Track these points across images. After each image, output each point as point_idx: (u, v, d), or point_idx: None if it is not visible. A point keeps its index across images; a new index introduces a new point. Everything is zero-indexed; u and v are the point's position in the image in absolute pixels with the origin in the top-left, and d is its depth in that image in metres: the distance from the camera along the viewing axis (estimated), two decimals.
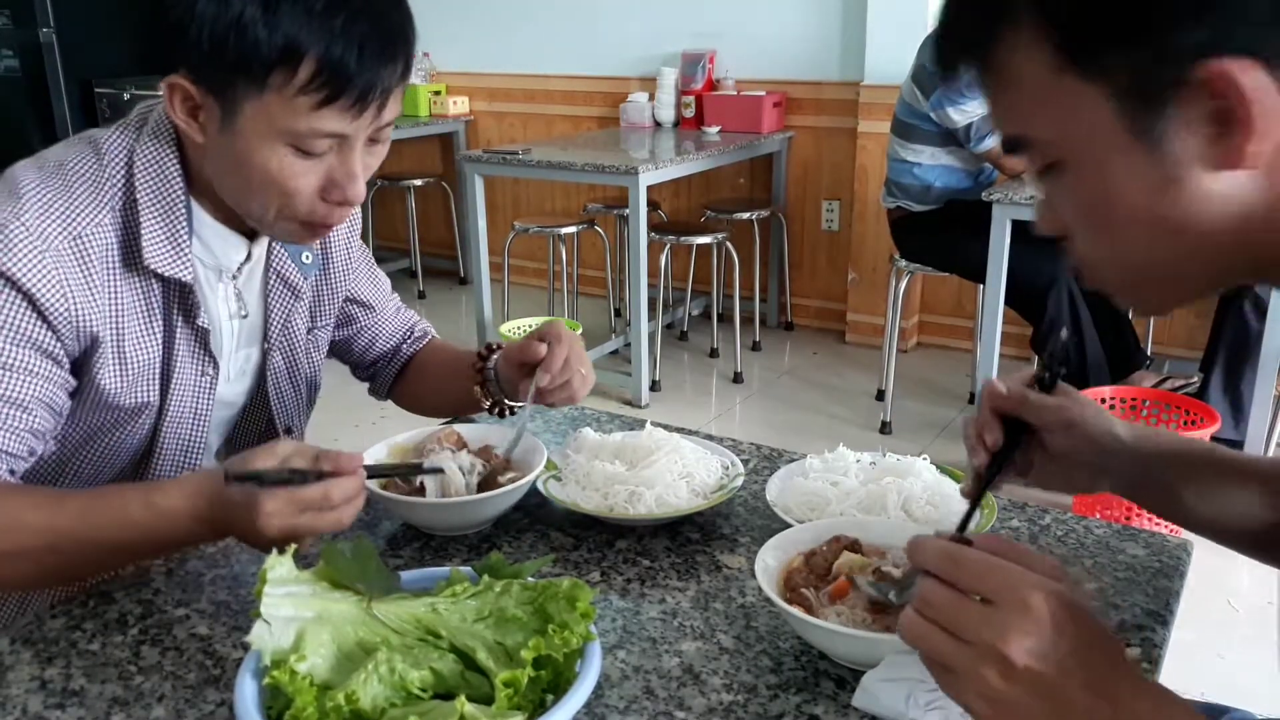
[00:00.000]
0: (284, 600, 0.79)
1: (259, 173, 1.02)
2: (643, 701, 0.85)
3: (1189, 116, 0.60)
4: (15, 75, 6.15)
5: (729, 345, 4.38)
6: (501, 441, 1.23)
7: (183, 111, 1.03)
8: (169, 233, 1.08)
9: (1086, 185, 0.66)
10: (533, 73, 5.36)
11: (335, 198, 1.05)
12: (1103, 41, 0.60)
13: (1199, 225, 0.63)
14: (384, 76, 1.00)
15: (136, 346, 1.10)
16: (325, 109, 0.98)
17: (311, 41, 0.96)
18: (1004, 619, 0.62)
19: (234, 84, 0.98)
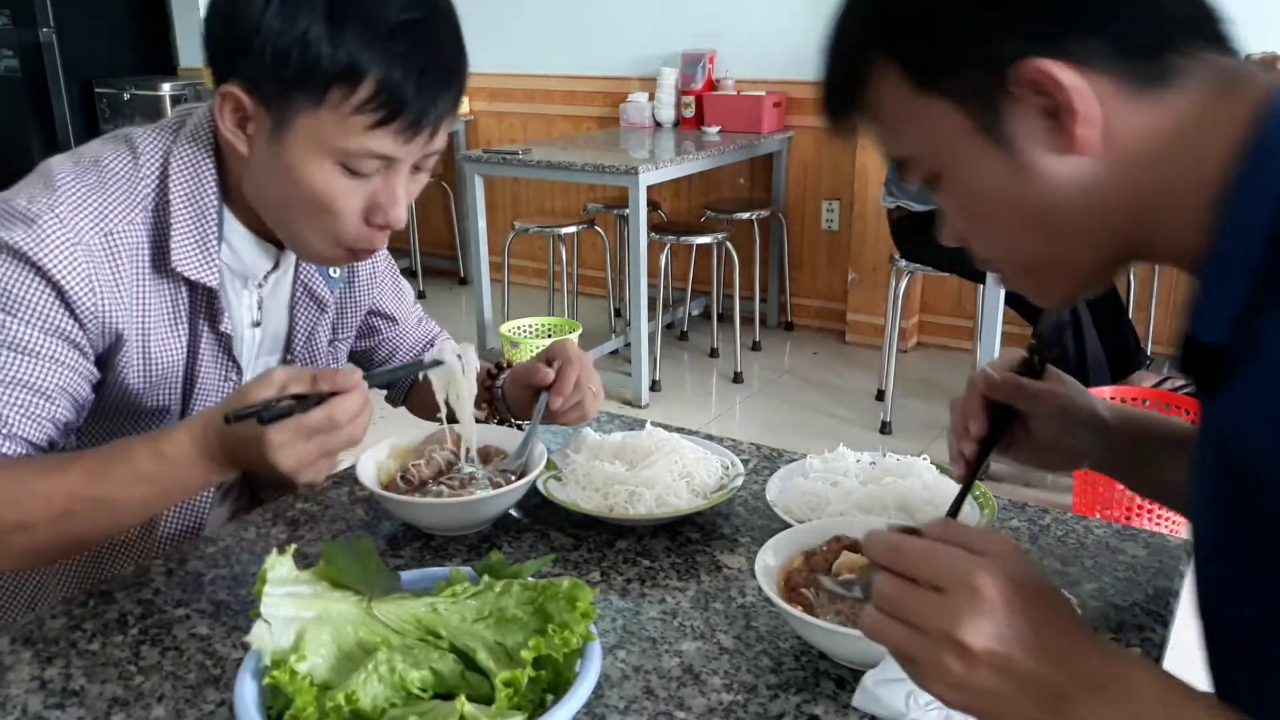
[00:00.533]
0: (284, 600, 0.79)
1: (305, 188, 1.02)
2: (643, 701, 0.85)
3: (1024, 112, 0.67)
4: (15, 75, 6.15)
5: (729, 345, 4.38)
6: (501, 442, 1.23)
7: (231, 121, 1.02)
8: (198, 237, 1.08)
9: (959, 188, 0.74)
10: (533, 73, 5.37)
11: (377, 220, 1.05)
12: (938, 64, 0.70)
13: (1060, 209, 0.70)
14: (439, 104, 1.01)
15: (161, 348, 1.10)
16: (379, 130, 0.99)
17: (373, 62, 0.96)
18: (954, 605, 0.62)
19: (291, 97, 0.98)
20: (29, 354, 1.00)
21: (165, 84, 6.05)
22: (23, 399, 1.00)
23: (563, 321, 4.06)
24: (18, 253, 0.99)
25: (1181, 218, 0.67)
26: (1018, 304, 3.26)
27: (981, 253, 0.78)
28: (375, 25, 0.96)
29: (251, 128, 1.02)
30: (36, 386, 1.00)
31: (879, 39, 0.73)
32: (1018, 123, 0.68)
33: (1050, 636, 0.62)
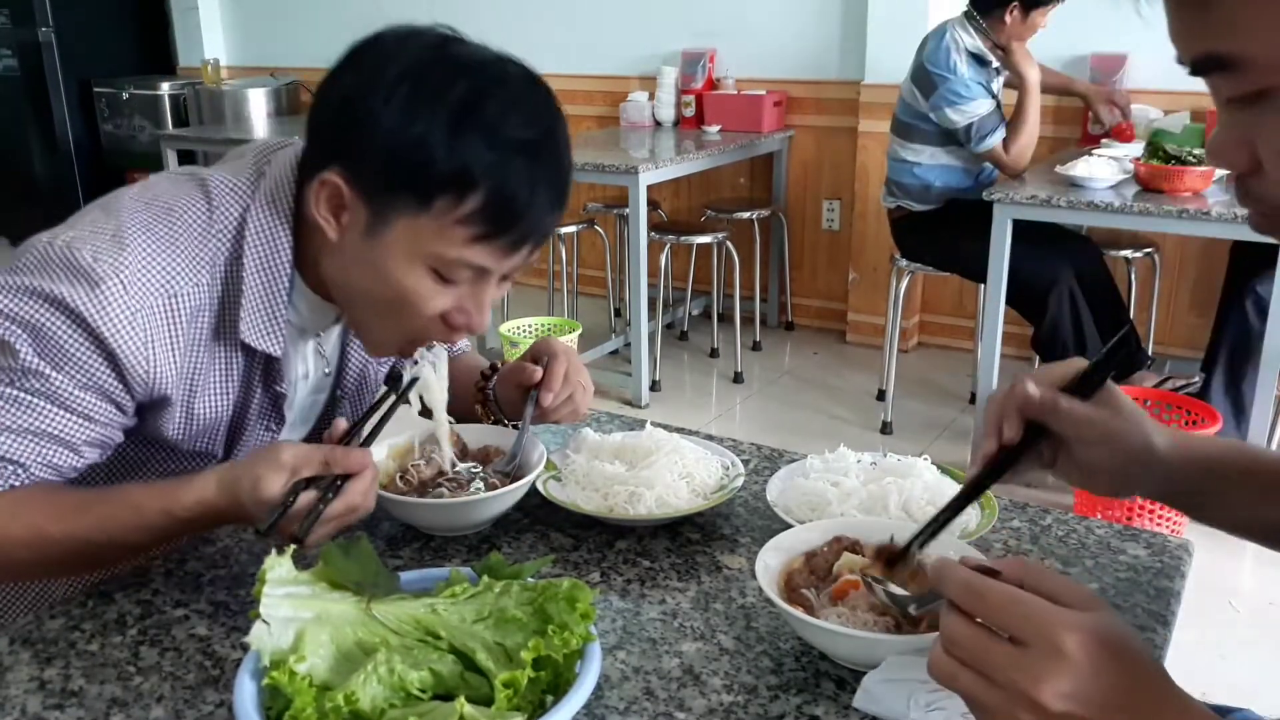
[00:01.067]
0: (283, 601, 0.79)
1: (392, 287, 1.00)
2: (643, 702, 0.85)
3: None
4: (14, 75, 6.15)
5: (729, 345, 4.38)
6: (501, 442, 1.23)
7: (325, 208, 1.00)
8: (268, 306, 1.06)
9: None
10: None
11: (458, 323, 1.04)
12: None
13: None
14: (546, 223, 1.00)
15: (207, 405, 1.09)
16: (479, 244, 0.97)
17: (488, 176, 0.94)
18: (1034, 663, 0.59)
19: (395, 197, 0.96)
20: (65, 408, 0.99)
21: (164, 84, 6.06)
22: (48, 451, 0.99)
23: (563, 321, 4.06)
24: (76, 315, 0.96)
25: None
26: (1018, 304, 3.26)
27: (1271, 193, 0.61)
28: (496, 138, 0.94)
29: (346, 217, 1.00)
30: (65, 440, 1.00)
31: None
32: None
33: (1136, 700, 0.59)
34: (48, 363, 0.97)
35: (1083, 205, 2.92)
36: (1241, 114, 0.59)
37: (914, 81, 3.44)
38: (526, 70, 1.01)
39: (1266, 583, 2.69)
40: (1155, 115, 3.79)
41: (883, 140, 4.18)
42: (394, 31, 1.00)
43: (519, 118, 0.96)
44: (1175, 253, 3.98)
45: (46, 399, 0.98)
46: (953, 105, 3.32)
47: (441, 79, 0.95)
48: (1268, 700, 2.15)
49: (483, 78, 0.96)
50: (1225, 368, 3.10)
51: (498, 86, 0.96)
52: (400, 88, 0.94)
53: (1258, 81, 0.55)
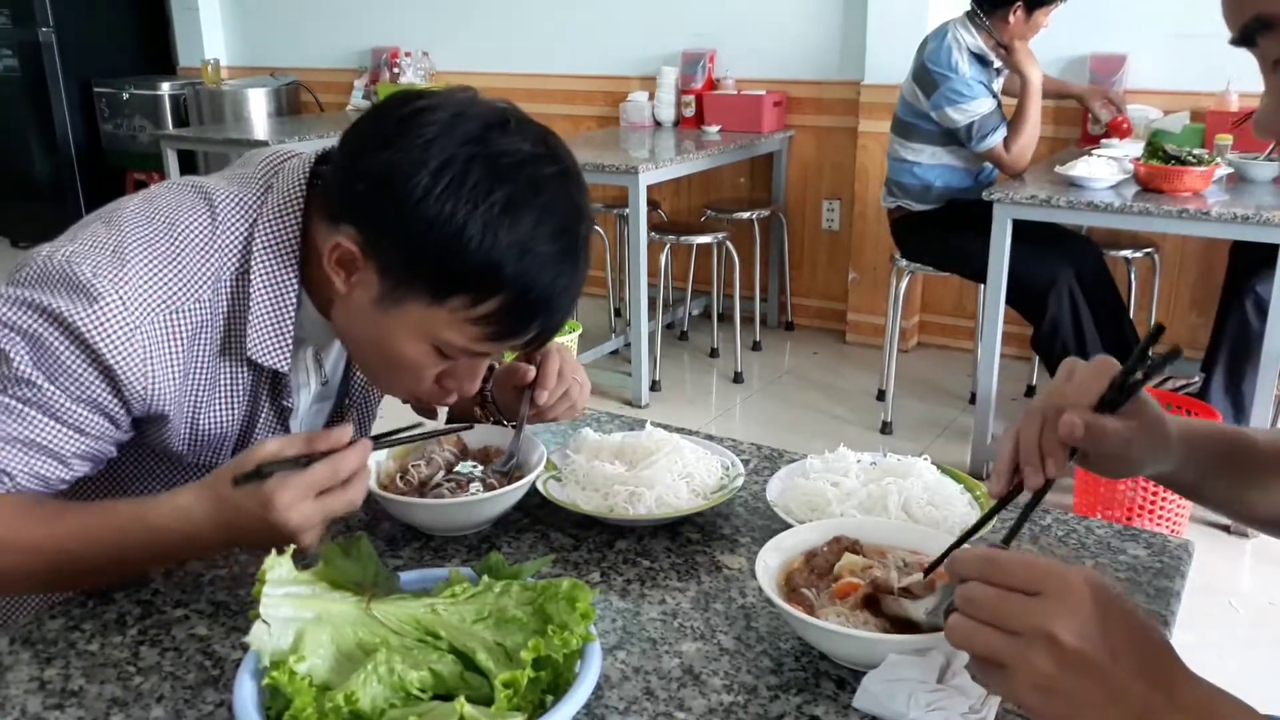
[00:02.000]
0: (283, 601, 0.79)
1: (392, 353, 1.01)
2: (643, 702, 0.85)
3: None
4: (14, 75, 6.15)
5: (729, 345, 4.38)
6: (501, 442, 1.23)
7: (334, 263, 0.99)
8: (275, 323, 1.05)
9: None
10: (533, 72, 5.36)
11: (449, 385, 1.06)
12: None
13: None
14: (548, 332, 1.01)
15: (213, 421, 1.08)
16: (490, 341, 0.98)
17: (511, 283, 0.94)
18: (1049, 604, 0.62)
19: (412, 285, 0.96)
20: (57, 419, 0.98)
21: (164, 84, 6.06)
22: (35, 462, 0.98)
23: None
24: (73, 330, 0.95)
25: None
26: (1018, 304, 3.26)
27: None
28: (525, 249, 0.94)
29: (357, 278, 0.99)
30: (54, 451, 0.99)
31: None
32: None
33: (1149, 655, 0.62)
34: (42, 373, 0.96)
35: (1082, 205, 2.92)
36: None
37: (915, 80, 3.44)
38: (565, 167, 0.99)
39: (1266, 583, 2.69)
40: (1155, 115, 3.79)
41: (883, 140, 4.18)
42: (446, 105, 0.97)
43: (550, 228, 0.95)
44: (1175, 253, 3.98)
45: (38, 409, 0.97)
46: (954, 104, 3.32)
47: (481, 180, 0.93)
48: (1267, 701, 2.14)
49: (520, 184, 0.94)
50: (1225, 367, 3.10)
51: (533, 194, 0.94)
52: (439, 181, 0.92)
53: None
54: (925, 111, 3.42)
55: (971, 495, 1.13)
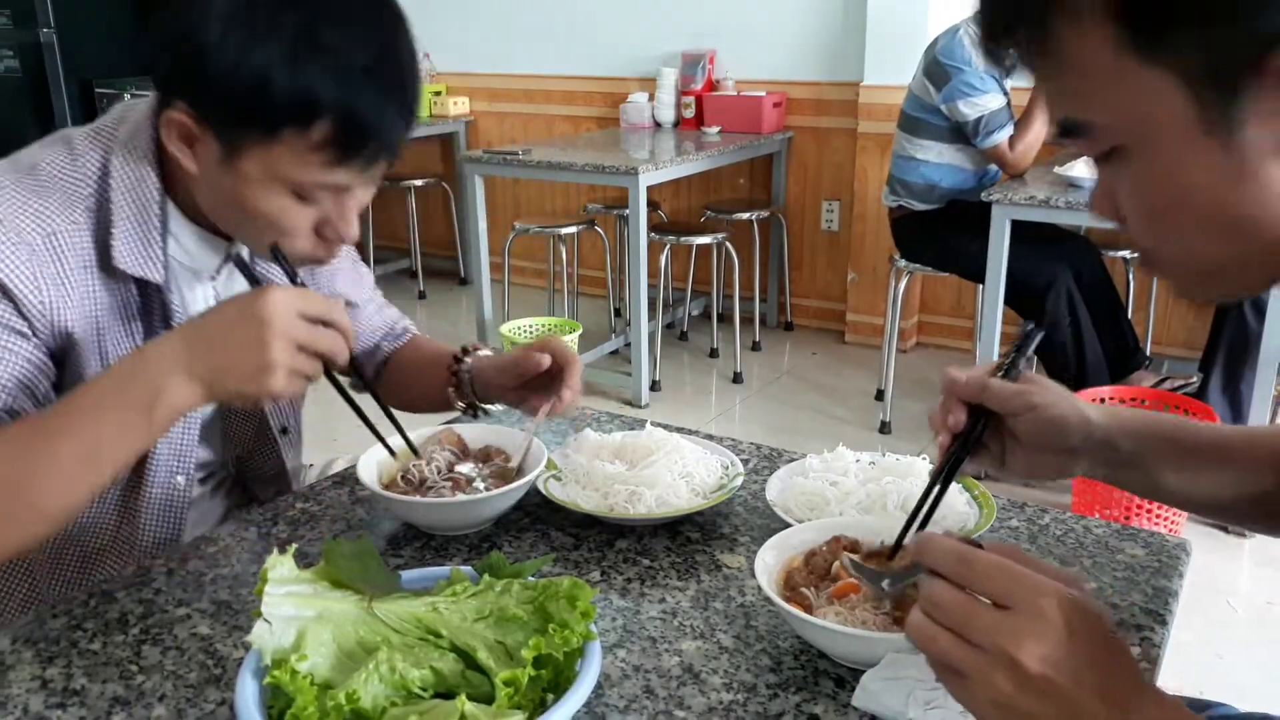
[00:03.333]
0: (285, 599, 0.79)
1: (255, 211, 1.01)
2: (643, 701, 0.85)
3: (1267, 107, 0.56)
4: (15, 75, 6.15)
5: (729, 345, 4.38)
6: (501, 442, 1.23)
7: (177, 140, 1.01)
8: (141, 234, 1.07)
9: (1151, 175, 0.62)
10: (533, 73, 5.37)
11: (329, 236, 1.06)
12: (1172, 23, 0.56)
13: (1272, 223, 0.60)
14: (397, 137, 1.00)
15: (117, 348, 1.10)
16: (335, 167, 0.98)
17: (335, 104, 0.94)
18: (1018, 624, 0.61)
19: (242, 131, 0.97)
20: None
21: None
22: None
23: (563, 322, 4.06)
24: None
25: None
26: (1017, 304, 3.27)
27: (1146, 244, 0.67)
28: (339, 66, 0.94)
29: (199, 149, 1.01)
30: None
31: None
32: (1254, 118, 0.56)
33: (1110, 677, 0.61)
34: None
35: (1082, 205, 2.92)
36: (1104, 171, 0.66)
37: (926, 75, 3.43)
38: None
39: (1264, 583, 2.70)
40: None
41: (882, 141, 4.19)
42: None
43: (357, 41, 0.96)
44: None
45: None
46: (965, 98, 3.32)
47: (272, 7, 0.94)
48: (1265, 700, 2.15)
49: (309, 5, 0.95)
50: (1223, 368, 3.10)
51: (331, 8, 0.96)
52: (232, 21, 0.93)
53: (1106, 142, 0.63)
54: (935, 106, 3.42)
55: (970, 495, 1.14)
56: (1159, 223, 0.65)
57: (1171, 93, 0.58)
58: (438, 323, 5.15)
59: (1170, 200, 0.62)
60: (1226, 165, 0.59)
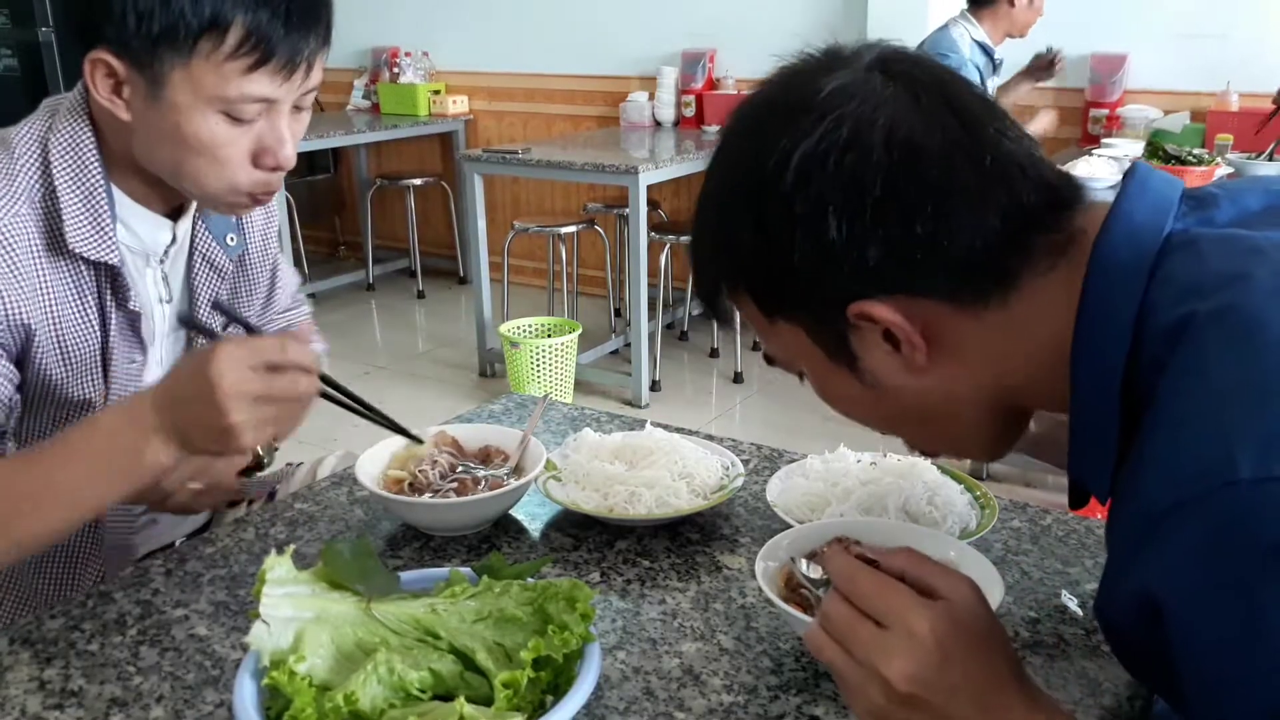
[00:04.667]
0: (283, 600, 0.79)
1: (191, 140, 1.02)
2: (643, 702, 0.85)
3: (865, 339, 0.71)
4: (14, 75, 6.15)
5: (729, 345, 4.38)
6: (501, 442, 1.23)
7: (106, 89, 1.02)
8: (91, 215, 1.07)
9: (822, 391, 0.78)
10: (532, 72, 5.36)
11: (268, 163, 1.06)
12: (783, 299, 0.73)
13: (927, 406, 0.73)
14: (310, 40, 1.02)
15: (75, 335, 1.10)
16: (254, 74, 0.99)
17: (237, 9, 0.97)
18: (889, 645, 0.66)
19: (160, 55, 0.98)
20: None
21: None
22: None
23: (563, 321, 4.06)
24: None
25: (1048, 385, 0.70)
26: None
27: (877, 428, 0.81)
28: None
29: (127, 92, 1.02)
30: None
31: (726, 268, 0.75)
32: (861, 348, 0.71)
33: (980, 686, 0.65)
34: None
35: None
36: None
37: None
38: None
39: None
40: (1155, 115, 3.79)
41: None
42: None
43: None
44: None
45: None
46: None
47: None
48: None
49: None
50: None
51: None
52: None
53: (791, 367, 0.79)
54: None
55: (971, 495, 1.13)
56: (859, 419, 0.79)
57: (804, 338, 0.73)
58: (437, 322, 5.15)
59: (849, 408, 0.78)
60: (867, 381, 0.73)
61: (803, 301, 0.71)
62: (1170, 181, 0.69)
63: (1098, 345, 0.65)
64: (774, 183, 0.68)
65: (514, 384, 3.84)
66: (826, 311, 0.70)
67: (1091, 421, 0.67)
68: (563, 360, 3.88)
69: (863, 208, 0.66)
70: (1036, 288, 0.68)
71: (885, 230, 0.66)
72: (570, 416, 1.46)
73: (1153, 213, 0.66)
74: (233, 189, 1.06)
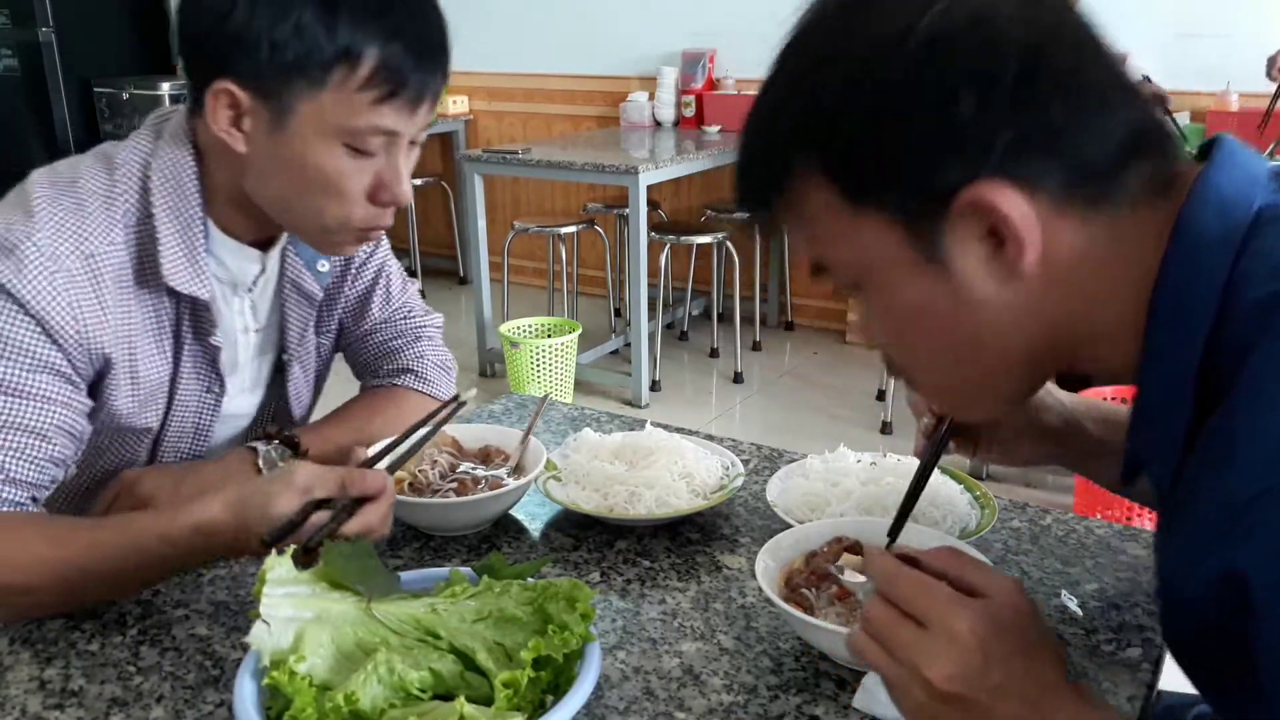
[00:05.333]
0: (283, 600, 0.79)
1: (312, 172, 1.02)
2: (643, 702, 0.85)
3: (964, 236, 0.64)
4: (14, 75, 6.15)
5: (729, 345, 4.38)
6: (501, 442, 1.23)
7: (225, 121, 1.01)
8: (187, 249, 1.07)
9: (885, 305, 0.71)
10: (533, 72, 5.36)
11: (384, 199, 1.06)
12: (874, 180, 0.65)
13: (998, 337, 0.68)
14: (437, 76, 1.03)
15: (148, 365, 1.09)
16: (383, 105, 1.00)
17: (370, 41, 0.97)
18: (930, 645, 0.65)
19: (291, 85, 0.98)
20: (21, 395, 0.98)
21: (164, 84, 6.05)
22: (19, 442, 0.98)
23: (563, 321, 4.06)
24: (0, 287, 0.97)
25: (1112, 336, 0.67)
26: None
27: (901, 367, 0.77)
28: (367, 4, 0.98)
29: (247, 124, 1.01)
30: (32, 428, 0.99)
31: (809, 145, 0.67)
32: (956, 246, 0.65)
33: (1025, 683, 0.64)
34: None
35: None
36: (858, 302, 0.74)
37: None
38: None
39: None
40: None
41: None
42: None
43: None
44: None
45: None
46: None
47: None
48: None
49: None
50: None
51: None
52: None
53: (847, 277, 0.71)
54: None
55: (971, 495, 1.13)
56: (901, 346, 0.74)
57: (887, 234, 0.66)
58: None
59: (904, 325, 0.71)
60: (943, 290, 0.66)
61: (907, 185, 0.64)
62: (1257, 156, 0.66)
63: (1180, 314, 0.63)
64: (895, 51, 0.62)
65: (514, 384, 3.84)
66: (930, 199, 0.63)
67: (1162, 397, 0.65)
68: (563, 360, 3.88)
69: (998, 85, 0.61)
70: (1139, 216, 0.64)
71: (1020, 113, 0.61)
72: (570, 416, 1.46)
73: (1243, 185, 0.63)
74: (345, 224, 1.06)
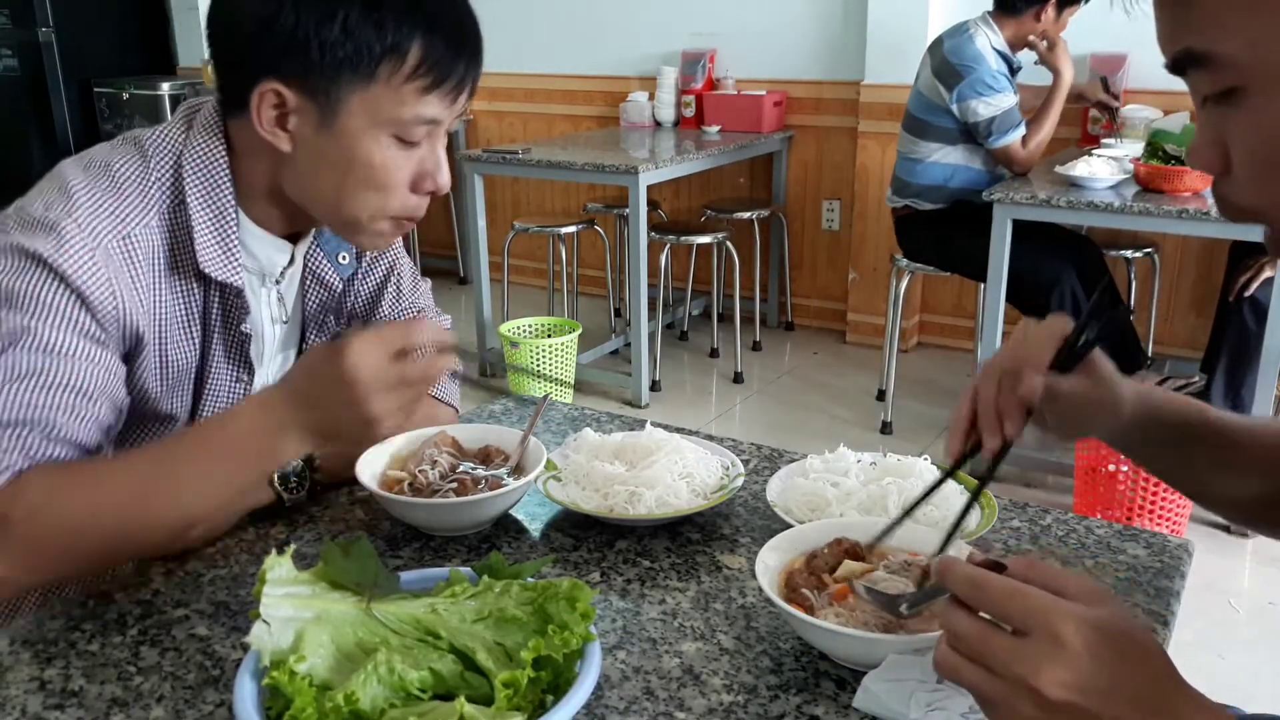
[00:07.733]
0: (283, 600, 0.79)
1: (361, 165, 1.04)
2: (643, 702, 0.85)
3: None
4: (14, 75, 6.15)
5: (729, 345, 4.38)
6: (501, 442, 1.23)
7: (269, 122, 1.03)
8: (220, 237, 1.09)
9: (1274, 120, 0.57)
10: (533, 72, 5.36)
11: (426, 188, 1.09)
12: None
13: None
14: (474, 65, 1.07)
15: (176, 350, 1.11)
16: (428, 95, 1.03)
17: (413, 34, 1.01)
18: (1034, 652, 0.60)
19: (340, 83, 1.01)
20: (64, 356, 0.99)
21: (164, 84, 6.05)
22: (67, 400, 0.99)
23: (563, 321, 4.06)
24: (40, 260, 0.99)
25: None
26: (1020, 303, 3.26)
27: (1251, 198, 0.62)
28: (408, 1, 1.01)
29: (293, 123, 1.03)
30: (77, 387, 0.99)
31: None
32: None
33: (1138, 688, 0.60)
34: (29, 315, 0.98)
35: (1083, 205, 2.92)
36: (1215, 113, 0.61)
37: (936, 75, 3.41)
38: None
39: (1266, 582, 2.69)
40: (1155, 115, 3.79)
41: (883, 140, 4.19)
42: None
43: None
44: (1175, 253, 3.98)
45: (42, 351, 0.98)
46: (980, 97, 3.32)
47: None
48: (1266, 700, 2.15)
49: None
50: (1225, 372, 3.10)
51: None
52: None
53: (1230, 79, 0.58)
54: (945, 107, 3.40)
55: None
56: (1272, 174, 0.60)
57: None
58: None
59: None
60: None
61: None
62: None
63: None
64: None
65: (514, 384, 3.84)
66: None
67: None
68: (563, 360, 3.88)
69: None
70: None
71: None
72: (570, 416, 1.46)
73: None
74: (386, 214, 1.08)
